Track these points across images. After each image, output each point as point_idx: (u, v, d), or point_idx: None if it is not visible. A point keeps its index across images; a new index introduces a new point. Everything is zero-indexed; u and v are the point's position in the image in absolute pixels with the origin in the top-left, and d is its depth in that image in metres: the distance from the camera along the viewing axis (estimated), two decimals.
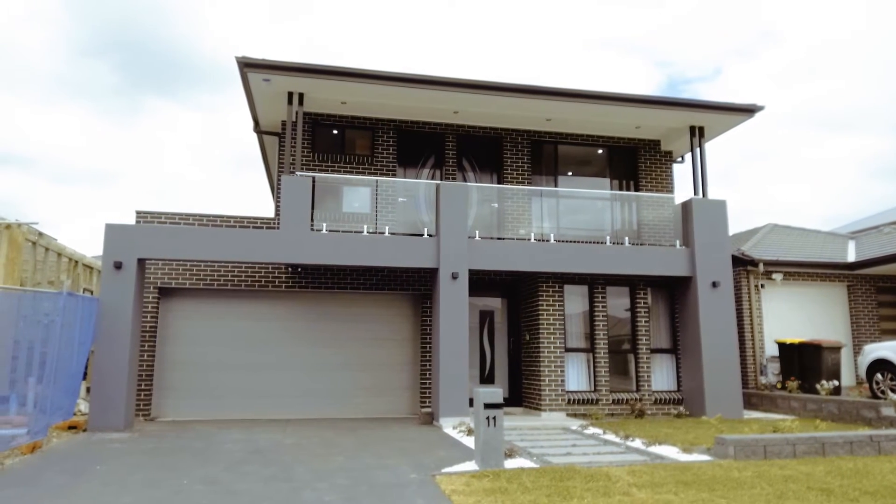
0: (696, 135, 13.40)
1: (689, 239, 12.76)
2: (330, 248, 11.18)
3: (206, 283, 12.26)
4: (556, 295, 12.52)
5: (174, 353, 12.19)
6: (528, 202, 13.21)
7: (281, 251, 11.02)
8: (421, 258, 11.52)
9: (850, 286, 15.50)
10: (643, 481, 6.46)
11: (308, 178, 11.47)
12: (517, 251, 12.01)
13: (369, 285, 12.85)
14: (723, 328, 12.34)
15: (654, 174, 14.72)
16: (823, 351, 12.81)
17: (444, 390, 11.04)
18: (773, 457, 7.76)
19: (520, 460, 7.67)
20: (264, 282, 12.46)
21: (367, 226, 11.79)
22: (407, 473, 6.97)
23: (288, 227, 11.11)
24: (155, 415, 11.94)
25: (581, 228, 13.13)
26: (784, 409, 12.59)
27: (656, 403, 12.54)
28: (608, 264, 12.26)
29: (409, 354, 13.08)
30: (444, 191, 11.81)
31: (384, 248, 11.39)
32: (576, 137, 14.47)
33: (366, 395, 12.69)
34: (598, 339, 12.57)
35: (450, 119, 13.66)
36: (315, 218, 11.65)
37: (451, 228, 11.61)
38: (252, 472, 7.01)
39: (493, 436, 7.29)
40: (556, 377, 12.18)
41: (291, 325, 12.68)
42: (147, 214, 12.23)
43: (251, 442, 9.09)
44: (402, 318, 13.23)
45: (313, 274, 12.62)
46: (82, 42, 56.38)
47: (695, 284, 12.46)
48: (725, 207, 12.89)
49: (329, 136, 13.50)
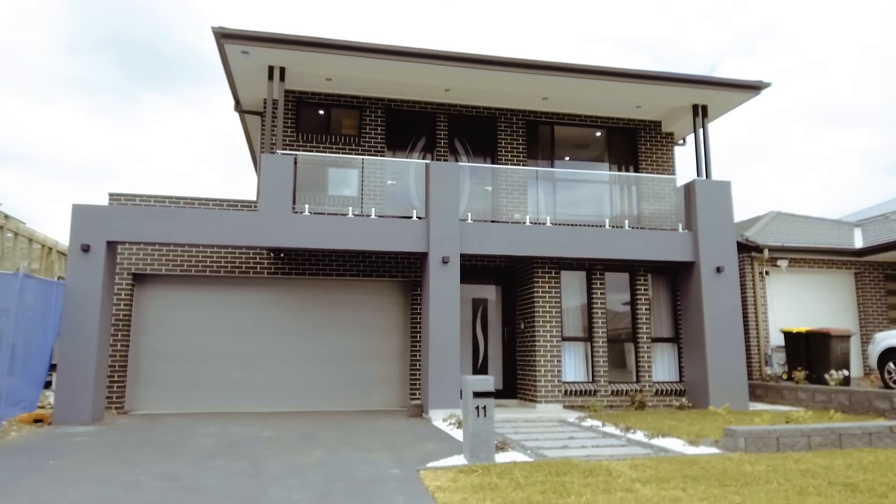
0: (699, 114, 12.79)
1: (691, 222, 12.16)
2: (313, 232, 10.56)
3: (183, 269, 11.62)
4: (553, 281, 11.91)
5: (150, 343, 11.56)
6: (523, 186, 12.60)
7: (261, 234, 10.40)
8: (409, 242, 10.90)
9: (858, 273, 14.93)
10: (647, 476, 5.87)
11: (289, 156, 10.83)
12: (512, 235, 11.41)
13: (357, 272, 12.23)
14: (727, 315, 11.76)
15: (654, 157, 14.12)
16: (832, 339, 12.23)
17: (433, 381, 10.44)
18: (787, 449, 7.17)
19: (512, 454, 7.08)
20: (245, 268, 11.83)
21: (353, 208, 11.15)
22: (389, 468, 6.36)
23: (268, 209, 10.48)
24: (129, 408, 11.31)
25: (579, 214, 12.50)
26: (791, 401, 12.02)
27: (657, 395, 11.96)
28: (607, 248, 11.66)
29: (400, 345, 12.48)
30: (435, 170, 11.18)
31: (370, 232, 10.77)
32: (573, 118, 13.85)
33: (353, 387, 12.09)
34: (596, 328, 11.98)
35: (441, 98, 13.03)
36: (298, 201, 11.02)
37: (442, 210, 10.99)
38: (219, 467, 6.40)
39: (483, 427, 6.69)
40: (553, 367, 11.59)
41: (275, 314, 12.05)
42: (121, 197, 11.57)
43: (226, 435, 8.48)
44: (391, 307, 12.61)
45: (297, 260, 11.99)
46: (78, 38, 55.52)
47: (698, 270, 11.87)
48: (730, 189, 12.29)
49: (314, 115, 12.86)
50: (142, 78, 57.23)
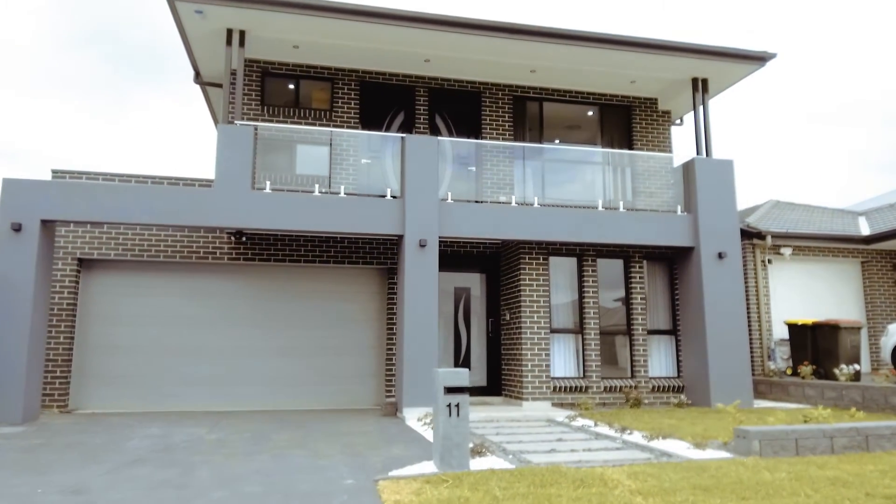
0: (698, 89, 11.85)
1: (691, 204, 11.22)
2: (274, 211, 9.53)
3: (134, 253, 10.55)
4: (541, 268, 10.93)
5: (98, 336, 10.48)
6: (509, 166, 11.60)
7: (216, 214, 9.35)
8: (383, 223, 9.89)
9: (865, 262, 14.07)
10: (649, 487, 4.90)
11: (249, 127, 9.77)
12: (496, 216, 10.42)
13: (327, 258, 11.20)
14: (730, 305, 10.83)
15: (650, 137, 13.17)
16: (841, 331, 11.34)
17: (408, 377, 9.44)
18: (807, 452, 6.23)
19: (491, 459, 6.09)
20: (204, 253, 10.77)
21: (320, 186, 10.12)
22: (342, 478, 5.36)
23: (224, 186, 9.43)
24: (74, 406, 10.24)
25: (569, 198, 11.52)
26: (797, 398, 11.11)
27: (654, 391, 11.01)
28: (600, 232, 10.70)
29: (375, 337, 11.46)
30: (411, 144, 10.17)
31: (339, 212, 9.75)
32: (563, 94, 12.87)
33: (323, 383, 11.06)
34: (587, 319, 11.01)
35: (421, 70, 12.01)
36: (262, 180, 9.98)
37: (419, 188, 9.99)
38: (140, 476, 5.37)
39: (456, 429, 5.69)
40: (540, 362, 10.61)
41: (237, 304, 11.00)
42: (65, 174, 10.48)
43: (166, 437, 7.44)
44: (366, 296, 11.59)
45: (261, 244, 10.95)
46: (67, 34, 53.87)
47: (698, 255, 10.93)
48: (732, 168, 11.36)
49: (281, 88, 11.81)
50: (133, 72, 55.60)
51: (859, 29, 56.27)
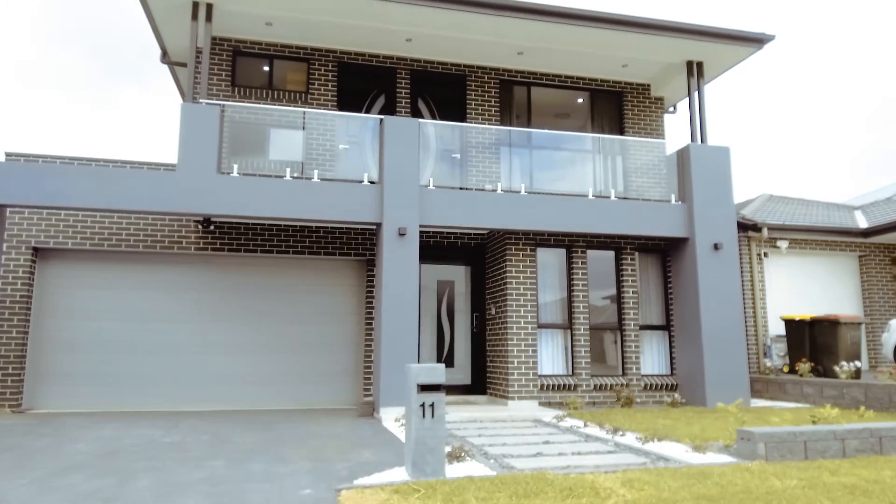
0: (693, 73, 11.31)
1: (685, 193, 10.68)
2: (242, 197, 8.88)
3: (94, 242, 9.86)
4: (528, 259, 10.35)
5: (55, 331, 9.79)
6: (495, 153, 11.00)
7: (179, 199, 8.69)
8: (360, 210, 9.27)
9: (863, 256, 13.61)
10: (646, 497, 4.32)
11: (215, 107, 9.11)
12: (481, 205, 9.83)
13: (302, 248, 10.56)
14: (726, 299, 10.30)
15: (642, 125, 12.62)
16: (841, 327, 10.83)
17: (386, 374, 8.83)
18: (817, 456, 5.68)
19: (471, 464, 5.49)
20: (168, 242, 10.10)
21: (292, 170, 9.48)
22: (300, 488, 4.74)
23: (188, 169, 8.77)
24: (28, 406, 9.54)
25: (558, 188, 10.91)
26: (795, 397, 10.60)
27: (646, 390, 10.46)
28: (590, 221, 10.14)
29: (353, 333, 10.84)
30: (390, 126, 9.55)
31: (312, 198, 9.11)
32: (552, 78, 12.29)
33: (297, 381, 10.43)
34: (576, 314, 10.44)
35: (402, 50, 11.39)
36: (229, 164, 9.31)
37: (399, 173, 9.37)
38: (68, 487, 4.73)
39: (431, 431, 5.09)
40: (527, 358, 10.04)
41: (205, 297, 10.34)
42: (20, 157, 9.77)
43: (116, 440, 6.78)
44: (344, 289, 10.97)
45: (230, 233, 10.29)
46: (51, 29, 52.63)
47: (692, 247, 10.39)
48: (729, 155, 10.83)
49: (253, 68, 11.14)
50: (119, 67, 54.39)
51: (860, 20, 56.23)
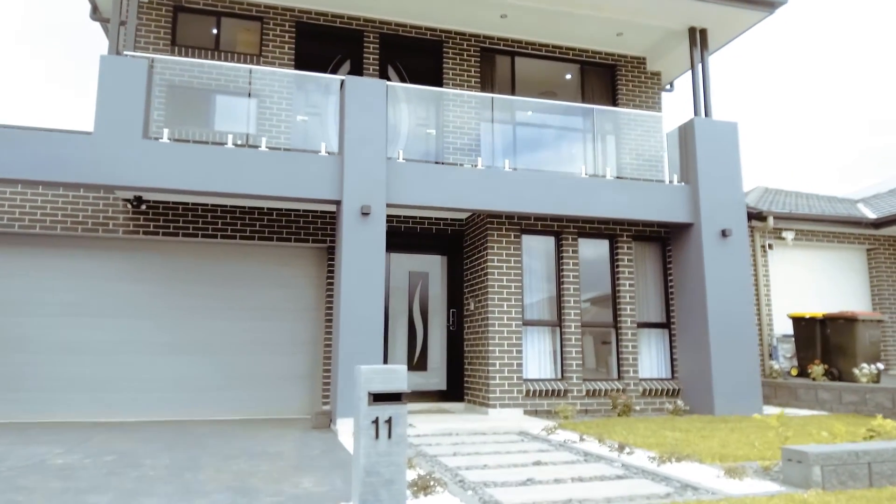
0: (696, 42, 10.12)
1: (689, 174, 9.48)
2: (173, 167, 7.43)
3: (1, 223, 8.33)
4: (512, 247, 9.05)
5: None
6: (475, 129, 9.68)
7: (95, 168, 7.21)
8: (315, 185, 7.87)
9: (871, 250, 12.57)
10: None
11: (142, 60, 7.65)
12: (460, 182, 8.50)
13: (251, 233, 9.13)
14: (735, 293, 9.10)
15: (638, 101, 11.41)
16: (859, 325, 9.72)
17: (344, 379, 7.44)
18: (883, 482, 4.44)
19: (442, 499, 4.15)
20: (92, 224, 8.60)
21: (235, 137, 8.05)
22: None
23: (106, 133, 7.30)
24: None
25: (546, 167, 9.65)
26: (808, 403, 9.44)
27: (644, 395, 9.21)
28: (582, 204, 8.88)
29: (310, 331, 9.43)
30: (353, 88, 8.18)
31: (259, 170, 7.69)
32: (539, 48, 11.02)
33: (244, 387, 8.98)
34: (567, 309, 9.16)
35: (371, 10, 10.04)
36: (160, 130, 7.86)
37: (362, 142, 8.01)
38: None
39: (388, 457, 3.73)
40: (511, 360, 8.72)
41: (135, 288, 8.84)
42: None
43: None
44: (300, 281, 9.55)
45: (166, 214, 8.82)
46: None
47: (698, 233, 9.18)
48: (737, 131, 9.65)
49: (198, 26, 9.69)
50: None
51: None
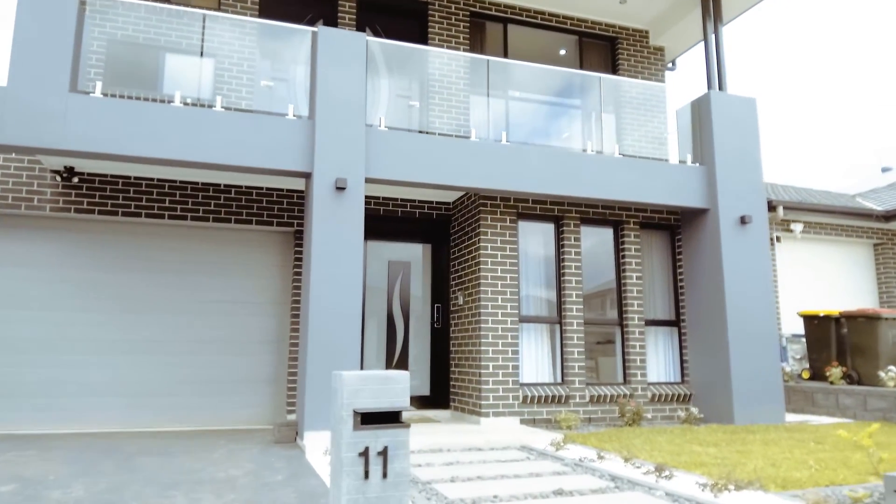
0: (709, 11, 9.17)
1: (704, 153, 8.51)
2: (107, 128, 6.12)
3: None
4: (508, 233, 7.95)
5: None
6: (464, 102, 8.57)
7: (9, 127, 5.88)
8: (280, 154, 6.65)
9: (878, 245, 11.86)
10: None
11: None
12: (448, 154, 7.36)
13: (206, 213, 7.85)
14: (756, 287, 8.15)
15: (640, 78, 10.43)
16: (882, 324, 8.90)
17: (313, 385, 6.24)
18: None
19: None
20: (13, 199, 7.22)
21: (181, 93, 6.76)
22: None
23: (24, 84, 5.96)
24: None
25: (544, 143, 8.58)
26: (827, 409, 8.58)
27: (653, 401, 8.20)
28: (586, 184, 7.83)
29: (274, 329, 8.20)
30: (327, 40, 6.97)
31: (213, 135, 6.44)
32: (534, 15, 9.96)
33: (198, 392, 7.70)
34: (568, 304, 8.09)
35: None
36: (96, 87, 6.53)
37: (337, 105, 6.81)
38: None
39: (381, 501, 2.58)
40: (506, 362, 7.62)
41: (67, 276, 7.49)
42: None
43: None
44: (264, 269, 8.30)
45: (103, 189, 7.48)
46: None
47: (714, 220, 8.21)
48: (756, 108, 8.72)
49: None
50: None
51: None
